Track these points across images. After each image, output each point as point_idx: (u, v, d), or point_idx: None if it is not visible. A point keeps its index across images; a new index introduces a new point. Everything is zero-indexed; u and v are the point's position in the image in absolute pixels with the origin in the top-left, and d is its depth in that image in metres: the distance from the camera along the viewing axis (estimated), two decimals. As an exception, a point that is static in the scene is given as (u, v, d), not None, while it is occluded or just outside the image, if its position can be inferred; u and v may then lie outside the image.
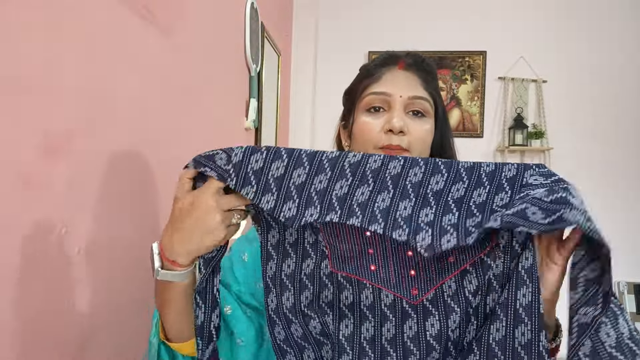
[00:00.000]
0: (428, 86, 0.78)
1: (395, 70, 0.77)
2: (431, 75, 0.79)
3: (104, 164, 0.97)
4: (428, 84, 0.78)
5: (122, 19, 1.03)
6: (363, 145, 0.76)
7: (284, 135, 3.01)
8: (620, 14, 3.02)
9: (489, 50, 3.12)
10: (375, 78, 0.77)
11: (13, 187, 0.72)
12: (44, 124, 0.78)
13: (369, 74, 0.79)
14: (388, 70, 0.77)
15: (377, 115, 0.75)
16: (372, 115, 0.76)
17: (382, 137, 0.74)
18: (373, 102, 0.76)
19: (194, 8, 1.45)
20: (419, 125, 0.75)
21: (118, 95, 1.02)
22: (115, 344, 1.03)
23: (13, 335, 0.73)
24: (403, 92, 0.74)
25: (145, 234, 1.19)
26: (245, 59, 2.00)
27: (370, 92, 0.76)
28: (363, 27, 3.23)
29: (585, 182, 3.26)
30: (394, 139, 0.73)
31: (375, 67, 0.79)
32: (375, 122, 0.75)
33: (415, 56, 0.80)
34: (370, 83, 0.77)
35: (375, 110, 0.75)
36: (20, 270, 0.74)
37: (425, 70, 0.78)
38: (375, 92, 0.76)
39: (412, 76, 0.77)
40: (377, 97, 0.75)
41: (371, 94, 0.76)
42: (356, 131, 0.77)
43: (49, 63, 0.79)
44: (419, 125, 0.75)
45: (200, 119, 1.53)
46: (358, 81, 0.81)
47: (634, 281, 3.01)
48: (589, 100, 3.06)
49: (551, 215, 0.50)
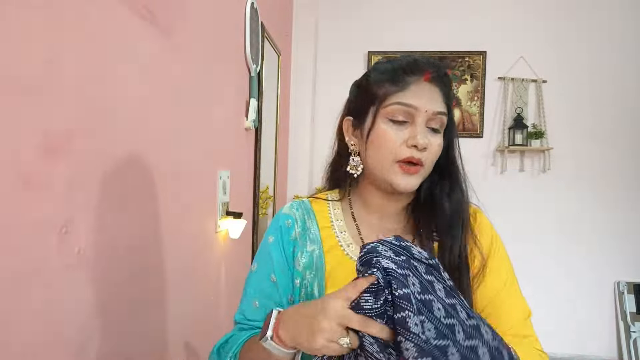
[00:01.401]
0: (447, 100, 0.79)
1: (421, 81, 0.76)
2: (449, 88, 0.80)
3: (104, 164, 0.97)
4: (447, 98, 0.79)
5: (122, 19, 1.03)
6: (382, 154, 0.75)
7: (284, 135, 3.01)
8: (620, 14, 3.02)
9: (489, 50, 3.13)
10: (401, 87, 0.75)
11: (13, 187, 0.72)
12: (44, 124, 0.78)
13: (394, 79, 0.76)
14: (414, 80, 0.76)
15: (400, 127, 0.75)
16: (395, 126, 0.75)
17: (403, 151, 0.74)
18: (398, 113, 0.75)
19: (194, 8, 1.45)
20: (435, 140, 0.76)
21: (118, 95, 1.02)
22: (115, 344, 1.03)
23: (13, 335, 0.73)
24: (428, 107, 0.74)
25: (145, 234, 1.19)
26: (245, 59, 2.00)
27: (395, 101, 0.74)
28: (363, 27, 3.23)
29: (585, 182, 3.29)
30: (416, 154, 0.74)
31: (401, 73, 0.76)
32: (398, 134, 0.75)
33: (438, 68, 0.78)
34: (395, 91, 0.75)
35: (399, 122, 0.75)
36: (21, 270, 0.74)
37: (445, 84, 0.79)
38: (401, 102, 0.74)
39: (436, 89, 0.77)
40: (403, 108, 0.74)
41: (397, 103, 0.74)
42: (375, 138, 0.76)
43: (49, 63, 0.79)
44: (435, 141, 0.76)
45: (200, 118, 1.53)
46: (379, 82, 0.77)
47: (634, 281, 3.01)
48: (589, 100, 3.06)
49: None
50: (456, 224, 0.78)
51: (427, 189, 0.81)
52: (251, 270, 0.84)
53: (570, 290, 3.06)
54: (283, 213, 0.85)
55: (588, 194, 3.07)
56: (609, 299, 3.06)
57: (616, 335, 3.03)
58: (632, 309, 2.97)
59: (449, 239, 0.78)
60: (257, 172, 2.25)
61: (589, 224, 3.07)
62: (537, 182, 3.12)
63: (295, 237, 0.81)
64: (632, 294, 2.99)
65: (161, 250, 1.27)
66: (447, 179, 0.81)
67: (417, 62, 0.77)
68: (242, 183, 2.08)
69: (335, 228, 0.82)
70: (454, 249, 0.77)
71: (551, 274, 3.07)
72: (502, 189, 3.12)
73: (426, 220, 0.80)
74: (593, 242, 3.06)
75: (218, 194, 1.71)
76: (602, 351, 3.04)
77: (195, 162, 1.51)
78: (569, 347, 3.02)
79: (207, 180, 1.63)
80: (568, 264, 3.08)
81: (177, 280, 1.37)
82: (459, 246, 0.77)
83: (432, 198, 0.80)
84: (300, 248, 0.80)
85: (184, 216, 1.43)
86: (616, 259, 3.04)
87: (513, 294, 0.79)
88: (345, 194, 0.86)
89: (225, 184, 1.79)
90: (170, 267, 1.31)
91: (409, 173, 0.75)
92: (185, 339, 1.45)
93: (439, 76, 0.77)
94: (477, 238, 0.80)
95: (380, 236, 0.64)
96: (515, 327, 0.76)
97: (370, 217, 0.83)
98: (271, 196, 2.61)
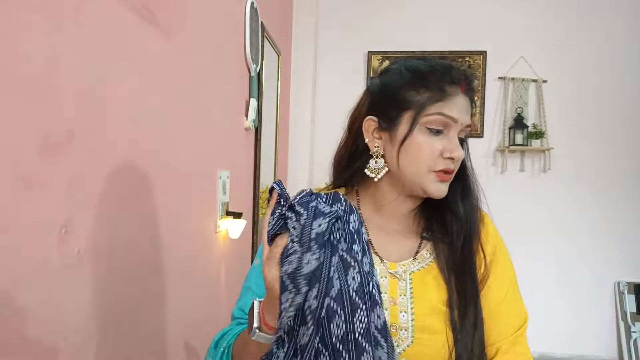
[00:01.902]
0: (473, 110, 0.79)
1: (458, 92, 0.75)
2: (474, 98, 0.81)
3: (104, 164, 0.97)
4: (473, 108, 0.79)
5: (122, 19, 1.03)
6: (418, 164, 0.75)
7: (284, 135, 3.01)
8: (620, 14, 3.02)
9: (489, 50, 3.12)
10: (442, 97, 0.74)
11: (13, 187, 0.72)
12: (44, 124, 0.78)
13: (433, 87, 0.74)
14: (454, 91, 0.75)
15: (437, 137, 0.75)
16: (433, 137, 0.74)
17: (440, 162, 0.74)
18: (438, 123, 0.74)
19: (194, 8, 1.45)
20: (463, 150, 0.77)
21: (118, 96, 1.02)
22: (115, 344, 1.03)
23: (13, 335, 0.73)
24: (463, 120, 0.75)
25: (145, 234, 1.19)
26: (245, 59, 2.00)
27: (437, 111, 0.73)
28: (363, 27, 3.23)
29: (585, 182, 3.29)
30: (451, 165, 0.75)
31: (440, 82, 0.74)
32: (435, 144, 0.74)
33: (470, 81, 0.78)
34: (436, 101, 0.74)
35: (438, 132, 0.75)
36: (21, 270, 0.74)
37: (473, 95, 0.79)
38: (444, 114, 0.73)
39: (468, 102, 0.77)
40: (444, 119, 0.74)
41: (439, 114, 0.73)
42: (411, 147, 0.75)
43: (49, 63, 0.79)
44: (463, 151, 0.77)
45: (200, 118, 1.53)
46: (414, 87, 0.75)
47: (634, 281, 3.01)
48: (589, 100, 3.06)
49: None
50: (468, 227, 0.79)
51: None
52: (253, 265, 0.84)
53: (570, 290, 3.06)
54: None
55: (588, 194, 3.07)
56: (609, 299, 3.05)
57: (616, 335, 3.03)
58: (632, 309, 2.97)
59: (460, 241, 0.78)
60: (257, 172, 2.25)
61: (589, 224, 3.07)
62: (537, 182, 3.12)
63: None
64: (632, 294, 2.99)
65: (161, 250, 1.27)
66: (461, 183, 0.81)
67: (454, 71, 0.76)
68: (242, 183, 2.08)
69: None
70: (465, 252, 0.77)
71: (551, 274, 3.07)
72: (502, 189, 3.11)
73: (437, 222, 0.81)
74: (593, 242, 3.06)
75: (218, 194, 1.71)
76: (602, 351, 3.04)
77: (195, 162, 1.51)
78: (569, 347, 3.02)
79: (207, 180, 1.63)
80: (568, 264, 3.07)
81: (177, 280, 1.37)
82: (469, 249, 0.78)
83: (445, 201, 0.79)
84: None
85: (184, 216, 1.43)
86: (616, 259, 3.04)
87: (513, 303, 0.80)
88: (353, 193, 0.85)
89: (225, 184, 1.79)
90: (170, 267, 1.31)
91: (444, 181, 0.75)
92: (185, 339, 1.45)
93: (469, 89, 0.78)
94: (483, 244, 0.80)
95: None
96: (509, 338, 0.77)
97: (377, 217, 0.82)
98: (271, 196, 2.60)
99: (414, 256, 0.79)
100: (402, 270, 0.77)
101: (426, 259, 0.79)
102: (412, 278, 0.77)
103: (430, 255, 0.79)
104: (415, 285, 0.76)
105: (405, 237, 0.81)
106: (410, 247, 0.81)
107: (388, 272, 0.77)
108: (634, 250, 3.03)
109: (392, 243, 0.80)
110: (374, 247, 0.79)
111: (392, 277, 0.77)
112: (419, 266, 0.78)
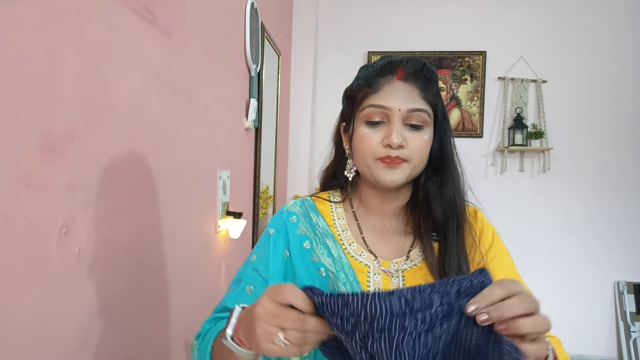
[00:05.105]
0: (427, 95, 0.77)
1: (393, 81, 0.76)
2: (431, 82, 0.78)
3: (104, 164, 0.97)
4: (427, 93, 0.77)
5: (122, 18, 1.03)
6: (363, 156, 0.77)
7: (284, 136, 3.01)
8: (620, 14, 3.02)
9: (488, 50, 3.13)
10: (374, 89, 0.76)
11: (13, 187, 0.72)
12: (44, 124, 0.78)
13: (368, 83, 0.78)
14: (387, 81, 0.76)
15: (376, 128, 0.76)
16: (371, 128, 0.76)
17: (380, 150, 0.75)
18: (372, 115, 0.76)
19: (194, 8, 1.45)
20: (417, 136, 0.75)
21: (118, 96, 1.02)
22: (115, 344, 1.03)
23: (14, 335, 0.73)
24: (402, 106, 0.74)
25: (145, 234, 1.19)
26: (245, 59, 2.00)
27: (369, 104, 0.76)
28: (363, 27, 3.23)
29: (585, 182, 3.28)
30: (393, 152, 0.74)
31: (374, 75, 0.77)
32: (374, 135, 0.76)
33: (415, 63, 0.77)
34: (369, 94, 0.76)
35: (375, 123, 0.76)
36: (21, 270, 0.74)
37: (424, 78, 0.77)
38: (374, 104, 0.75)
39: (411, 87, 0.76)
40: (376, 110, 0.75)
41: (370, 106, 0.76)
42: (355, 142, 0.78)
43: (49, 63, 0.79)
44: (417, 137, 0.75)
45: (200, 119, 1.53)
46: (357, 87, 0.80)
47: (634, 281, 3.01)
48: (589, 100, 3.06)
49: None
50: (450, 221, 0.78)
51: (422, 187, 0.81)
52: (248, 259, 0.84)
53: (570, 290, 3.06)
54: (286, 210, 0.86)
55: (588, 194, 3.07)
56: (609, 299, 3.06)
57: (616, 335, 3.03)
58: (632, 309, 2.97)
59: (444, 237, 0.77)
60: (257, 172, 2.25)
61: (589, 224, 3.07)
62: (537, 182, 3.12)
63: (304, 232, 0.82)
64: (632, 294, 2.99)
65: (161, 250, 1.27)
66: (440, 175, 0.80)
67: (391, 62, 0.78)
68: (242, 183, 2.08)
69: (338, 227, 0.83)
70: (451, 249, 0.76)
71: (551, 274, 3.07)
72: (502, 189, 3.12)
73: (423, 219, 0.81)
74: (593, 242, 3.06)
75: (218, 194, 1.71)
76: (602, 351, 3.04)
77: (195, 162, 1.51)
78: (569, 347, 3.01)
79: (207, 180, 1.63)
80: (568, 264, 3.08)
81: (177, 280, 1.37)
82: (456, 245, 0.76)
83: (426, 195, 0.80)
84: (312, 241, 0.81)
85: (184, 216, 1.43)
86: (616, 259, 3.04)
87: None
88: (346, 195, 0.87)
89: (225, 184, 1.79)
90: (170, 267, 1.31)
91: (391, 167, 0.75)
92: (186, 339, 1.45)
93: (414, 73, 0.77)
94: (478, 238, 0.80)
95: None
96: None
97: (370, 217, 0.84)
98: (271, 196, 2.61)
99: (407, 255, 0.80)
100: (395, 269, 0.78)
101: (417, 257, 0.79)
102: (405, 276, 0.78)
103: (422, 253, 0.80)
104: (407, 283, 0.77)
105: (400, 236, 0.82)
106: (403, 245, 0.81)
107: (381, 269, 0.78)
108: (634, 250, 3.03)
109: (386, 241, 0.82)
110: (368, 245, 0.81)
111: (384, 274, 0.78)
112: (410, 264, 0.79)
